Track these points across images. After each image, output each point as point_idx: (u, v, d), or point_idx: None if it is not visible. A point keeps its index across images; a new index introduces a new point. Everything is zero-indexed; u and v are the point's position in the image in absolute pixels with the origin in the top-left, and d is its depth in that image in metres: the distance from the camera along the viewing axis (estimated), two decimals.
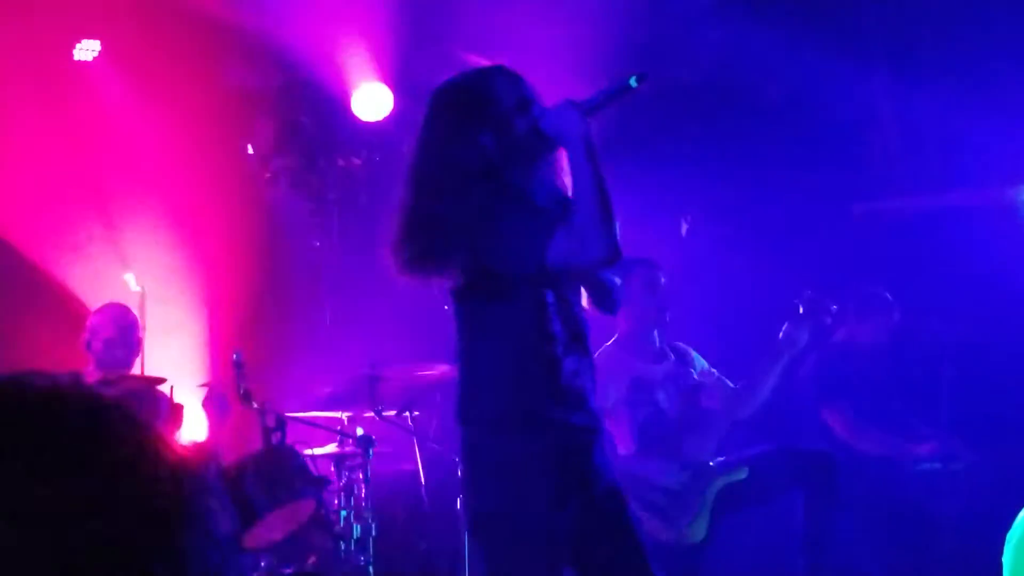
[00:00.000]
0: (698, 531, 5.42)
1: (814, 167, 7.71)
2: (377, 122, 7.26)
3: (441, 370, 6.00)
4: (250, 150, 6.85)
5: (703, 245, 7.55)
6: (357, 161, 7.33)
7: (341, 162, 7.29)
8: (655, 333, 5.64)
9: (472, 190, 3.26)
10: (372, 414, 5.94)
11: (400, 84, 7.18)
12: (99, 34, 6.40)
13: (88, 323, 5.89)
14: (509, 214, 3.26)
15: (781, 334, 5.42)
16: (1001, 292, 7.40)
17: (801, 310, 5.41)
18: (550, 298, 3.32)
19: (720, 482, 5.49)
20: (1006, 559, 3.63)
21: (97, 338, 5.82)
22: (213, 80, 7.03)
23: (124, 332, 5.87)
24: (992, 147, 7.71)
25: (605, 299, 3.54)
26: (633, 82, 3.23)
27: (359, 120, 7.32)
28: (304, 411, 6.20)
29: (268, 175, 6.67)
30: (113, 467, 1.09)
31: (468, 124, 3.30)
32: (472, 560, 5.46)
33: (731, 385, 5.63)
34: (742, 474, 5.49)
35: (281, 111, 6.76)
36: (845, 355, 6.39)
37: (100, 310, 5.90)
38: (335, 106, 7.62)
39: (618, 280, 3.54)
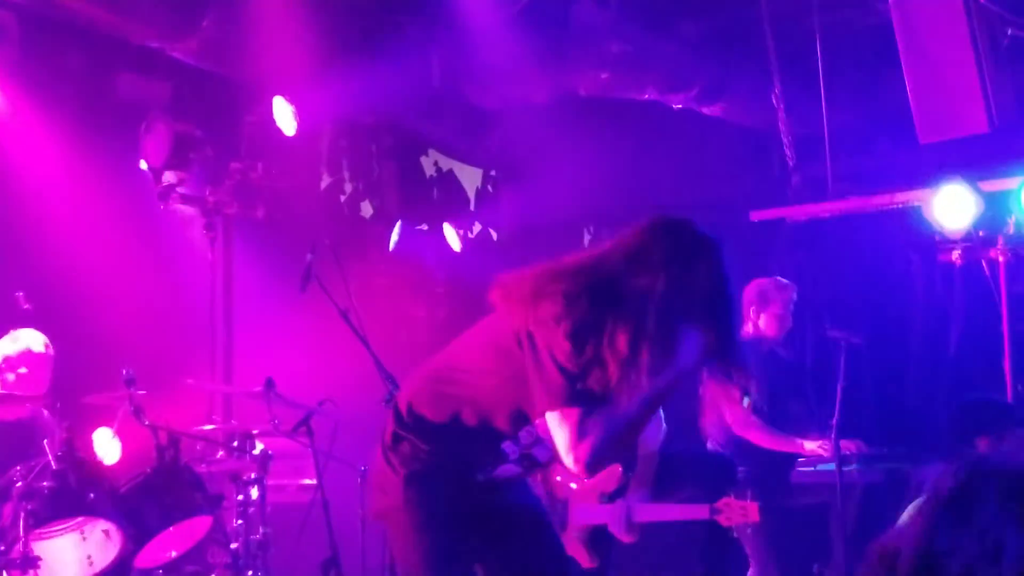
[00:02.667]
0: None
1: (711, 176, 7.79)
2: (279, 136, 7.18)
3: (338, 384, 5.94)
4: (143, 165, 6.72)
5: None
6: (255, 175, 7.24)
7: (238, 176, 7.19)
8: None
9: (600, 298, 3.18)
10: (270, 429, 5.86)
11: (305, 101, 7.11)
12: None
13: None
14: (575, 348, 3.16)
15: None
16: (895, 296, 7.53)
17: None
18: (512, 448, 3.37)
19: None
20: None
21: (16, 359, 5.74)
22: (104, 93, 6.91)
23: (43, 351, 5.80)
24: (885, 155, 7.85)
25: None
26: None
27: (258, 133, 7.24)
28: (199, 427, 6.10)
29: (161, 189, 6.55)
30: None
31: (649, 261, 3.21)
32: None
33: None
34: None
35: (175, 124, 6.65)
36: (748, 351, 6.44)
37: (14, 336, 5.81)
38: (233, 119, 7.52)
39: None
